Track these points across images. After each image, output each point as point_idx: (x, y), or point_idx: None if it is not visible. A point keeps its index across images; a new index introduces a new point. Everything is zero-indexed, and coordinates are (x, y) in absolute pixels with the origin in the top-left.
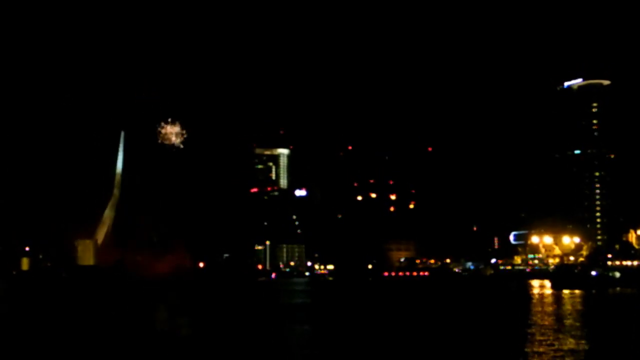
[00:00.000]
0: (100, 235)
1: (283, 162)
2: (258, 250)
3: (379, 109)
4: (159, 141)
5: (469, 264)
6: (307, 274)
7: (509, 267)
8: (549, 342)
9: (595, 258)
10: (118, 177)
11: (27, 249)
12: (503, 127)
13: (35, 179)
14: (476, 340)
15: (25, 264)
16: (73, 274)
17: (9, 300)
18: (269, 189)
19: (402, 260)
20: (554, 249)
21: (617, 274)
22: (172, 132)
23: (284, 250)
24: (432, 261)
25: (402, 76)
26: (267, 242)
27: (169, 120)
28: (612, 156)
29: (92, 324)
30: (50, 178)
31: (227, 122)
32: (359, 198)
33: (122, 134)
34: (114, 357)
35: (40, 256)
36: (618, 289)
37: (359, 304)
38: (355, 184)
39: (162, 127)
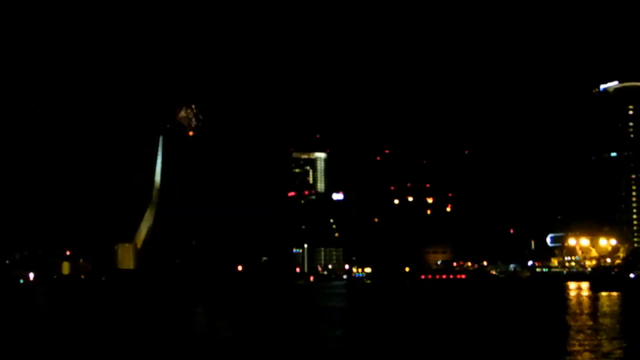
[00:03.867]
0: (140, 239)
1: (320, 166)
2: (296, 253)
3: (416, 112)
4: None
5: (511, 266)
6: (344, 277)
7: (545, 269)
8: (589, 343)
9: (633, 260)
10: (157, 182)
11: (68, 253)
12: (540, 130)
13: (75, 184)
14: (515, 342)
15: (66, 268)
16: (113, 278)
17: (49, 304)
18: (306, 192)
19: (439, 263)
20: (590, 251)
21: None
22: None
23: (322, 253)
24: (469, 264)
25: (441, 79)
26: (305, 246)
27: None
28: None
29: (131, 327)
30: (91, 183)
31: (265, 127)
32: (396, 201)
33: (161, 139)
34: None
35: (81, 260)
36: None
37: (396, 307)
38: (392, 188)
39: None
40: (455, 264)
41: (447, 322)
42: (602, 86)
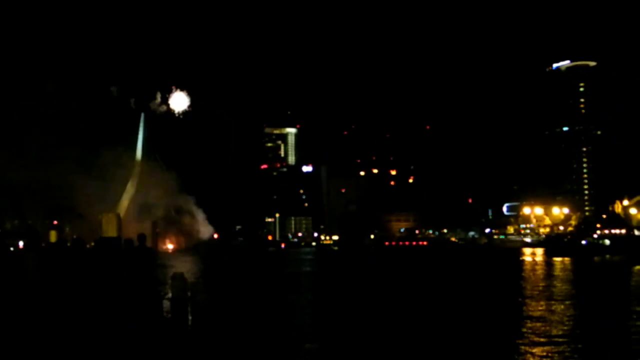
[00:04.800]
0: (122, 209)
1: (291, 140)
2: (268, 222)
3: (380, 90)
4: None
5: (470, 234)
6: (313, 244)
7: (502, 237)
8: (543, 308)
9: (585, 228)
10: (138, 156)
11: (55, 223)
12: (496, 107)
13: (63, 159)
14: (475, 308)
15: (53, 236)
16: (97, 245)
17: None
18: (278, 165)
19: (402, 230)
20: (544, 219)
21: (607, 242)
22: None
23: (292, 222)
24: (430, 231)
25: (402, 60)
26: (277, 215)
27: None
28: (599, 132)
29: (114, 290)
30: (78, 158)
31: (239, 104)
32: (362, 173)
33: (142, 115)
34: (136, 319)
35: (67, 229)
36: (608, 256)
37: (361, 272)
38: (358, 161)
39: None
40: (417, 231)
41: (405, 287)
42: (555, 65)
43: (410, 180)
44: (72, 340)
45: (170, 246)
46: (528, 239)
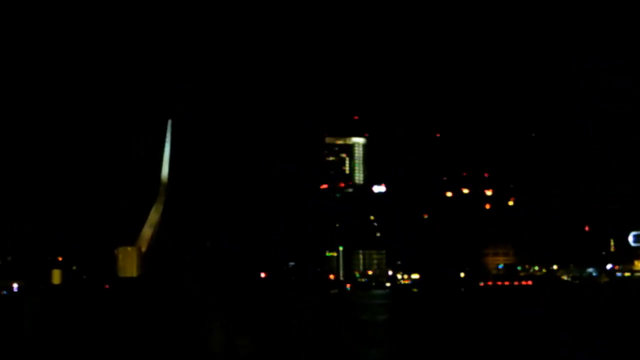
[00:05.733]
0: (144, 241)
1: (358, 153)
2: (330, 257)
3: (470, 89)
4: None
5: (587, 270)
6: (387, 284)
7: (627, 274)
8: None
9: None
10: (164, 174)
11: (59, 259)
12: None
13: (69, 178)
14: None
15: (56, 276)
16: (113, 288)
17: (35, 320)
18: (341, 184)
19: (500, 267)
20: None
21: None
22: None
23: (360, 257)
24: (536, 268)
25: (496, 52)
26: (341, 248)
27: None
28: None
29: (135, 348)
30: (87, 178)
31: (293, 108)
32: (449, 194)
33: (170, 122)
34: None
35: (74, 267)
36: None
37: (449, 321)
38: (444, 178)
39: None
40: (519, 268)
41: (511, 342)
42: None
43: (510, 203)
44: None
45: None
46: None
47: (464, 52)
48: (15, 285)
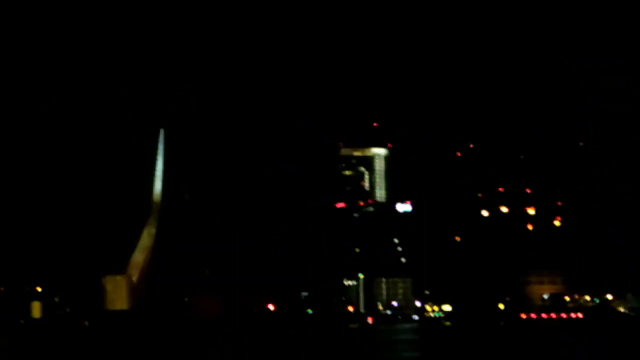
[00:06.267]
0: (136, 268)
1: (379, 165)
2: (348, 286)
3: (510, 91)
4: None
5: None
6: (415, 317)
7: None
8: None
9: None
10: (157, 190)
11: (38, 289)
12: None
13: (48, 195)
14: None
15: (36, 309)
16: (100, 323)
17: None
18: (361, 203)
19: (545, 297)
20: None
21: None
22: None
23: (383, 285)
24: (587, 298)
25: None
26: (360, 276)
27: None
28: None
29: None
30: (69, 196)
31: (302, 114)
32: (485, 213)
33: (162, 132)
34: None
35: (56, 299)
36: None
37: None
38: (480, 194)
39: None
40: (568, 298)
41: None
42: None
43: (557, 223)
44: None
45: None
46: None
47: (503, 51)
48: None
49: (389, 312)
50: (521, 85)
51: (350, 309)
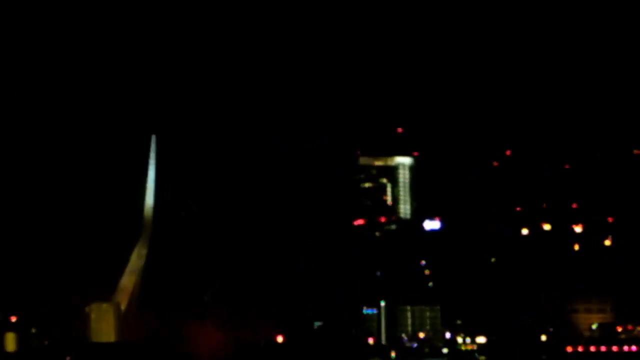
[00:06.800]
0: (124, 295)
1: (403, 177)
2: (368, 315)
3: (553, 91)
4: None
5: None
6: (445, 350)
7: None
8: None
9: None
10: (149, 207)
11: (13, 319)
12: None
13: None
14: None
15: (10, 342)
16: (83, 357)
17: None
18: (382, 219)
19: (593, 327)
20: None
21: None
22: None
23: (409, 314)
24: None
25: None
26: (382, 303)
27: None
28: None
29: None
30: (47, 212)
31: (315, 119)
32: (525, 231)
33: (154, 138)
34: None
35: (33, 330)
36: None
37: None
38: (518, 209)
39: None
40: (620, 328)
41: None
42: None
43: (607, 243)
44: None
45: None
46: None
47: (552, 44)
48: None
49: (414, 344)
50: (568, 84)
51: (371, 341)
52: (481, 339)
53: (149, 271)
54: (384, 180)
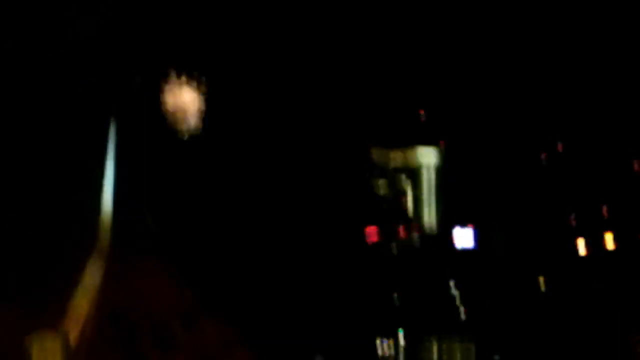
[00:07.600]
0: (75, 322)
1: (427, 174)
2: (384, 345)
3: (615, 71)
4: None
5: None
6: None
7: None
8: None
9: None
10: (107, 211)
11: None
12: None
13: None
14: None
15: None
16: None
17: None
18: (401, 228)
19: None
20: None
21: None
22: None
23: (434, 347)
24: None
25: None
26: (400, 332)
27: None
28: None
29: None
30: None
31: (318, 106)
32: (581, 244)
33: (113, 126)
34: None
35: None
36: None
37: None
38: (573, 217)
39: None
40: None
41: None
42: None
43: None
44: None
45: None
46: None
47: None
48: None
49: None
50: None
51: None
52: None
53: (106, 292)
54: (403, 180)
